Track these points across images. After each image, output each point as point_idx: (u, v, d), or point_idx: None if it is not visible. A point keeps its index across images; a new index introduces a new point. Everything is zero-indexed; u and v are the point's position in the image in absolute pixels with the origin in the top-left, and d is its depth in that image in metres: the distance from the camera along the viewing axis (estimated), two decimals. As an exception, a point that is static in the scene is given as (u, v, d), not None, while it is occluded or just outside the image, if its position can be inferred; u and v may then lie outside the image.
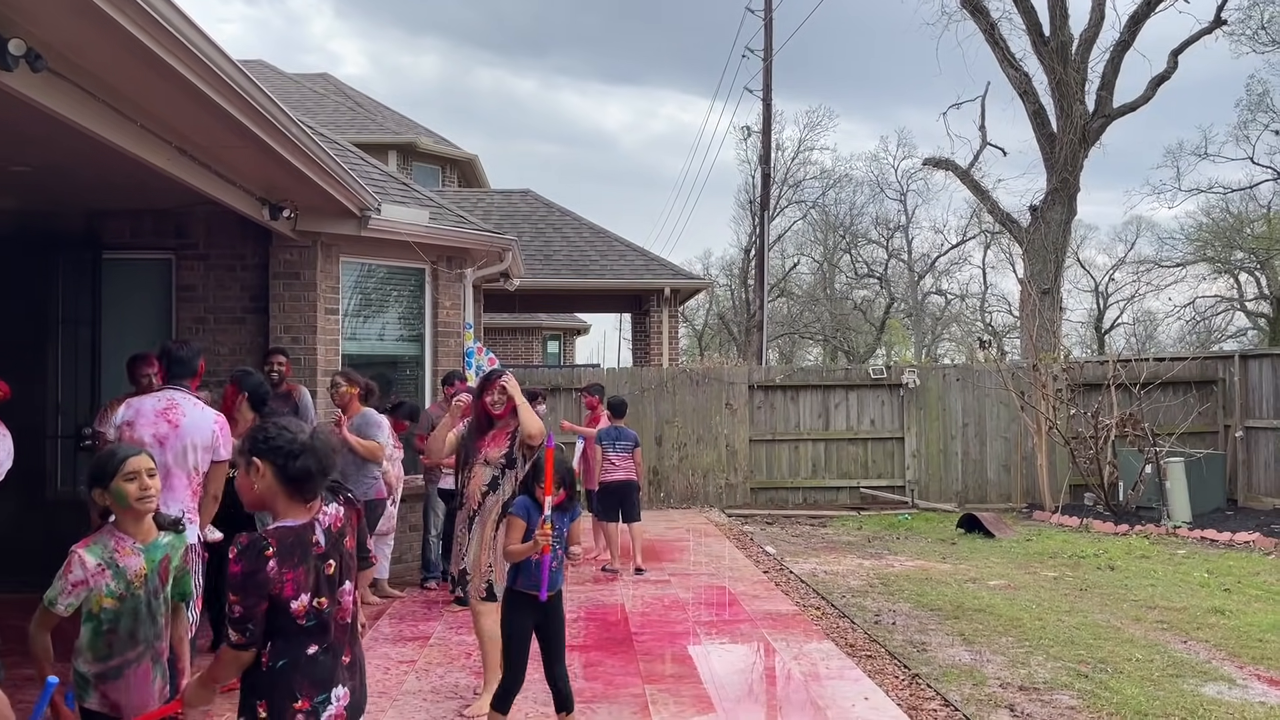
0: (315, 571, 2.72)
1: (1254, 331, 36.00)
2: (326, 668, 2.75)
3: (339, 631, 2.80)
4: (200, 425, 4.76)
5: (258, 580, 2.61)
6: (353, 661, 2.86)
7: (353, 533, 2.92)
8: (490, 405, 5.43)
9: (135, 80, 4.63)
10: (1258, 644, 6.92)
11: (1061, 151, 19.14)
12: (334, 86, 24.39)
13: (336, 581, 2.79)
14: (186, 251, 8.42)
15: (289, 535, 2.70)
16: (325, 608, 2.74)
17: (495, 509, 5.34)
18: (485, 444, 5.46)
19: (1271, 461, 13.42)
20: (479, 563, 5.33)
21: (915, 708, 5.49)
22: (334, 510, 2.84)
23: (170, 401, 4.76)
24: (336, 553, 2.80)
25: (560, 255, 17.82)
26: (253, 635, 2.64)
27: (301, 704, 2.69)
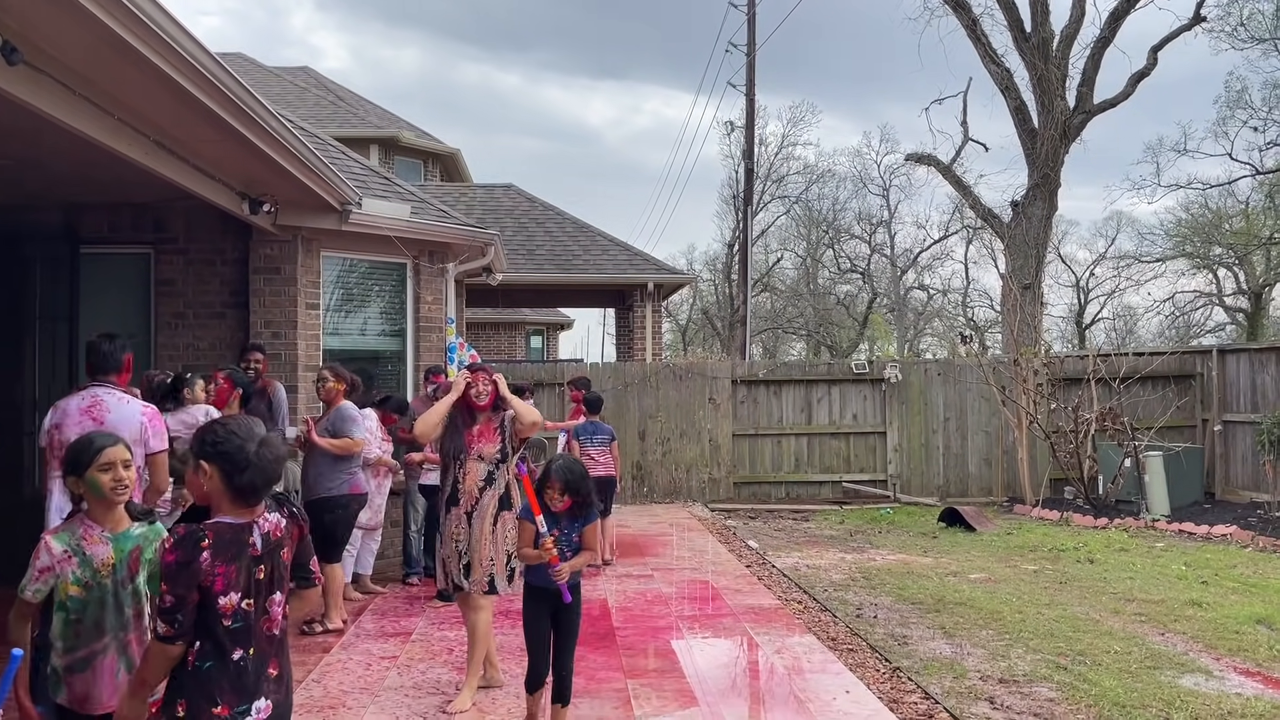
0: (247, 573, 2.70)
1: (1232, 326, 36.34)
2: (250, 676, 2.72)
3: (265, 641, 2.78)
4: (127, 419, 4.61)
5: (190, 570, 2.60)
6: (280, 676, 2.83)
7: (292, 547, 2.89)
8: (475, 397, 5.42)
9: (112, 73, 4.59)
10: (1234, 636, 6.98)
11: (1043, 147, 19.24)
12: (315, 80, 24.25)
13: (267, 589, 2.77)
14: (165, 246, 8.37)
15: (227, 531, 2.69)
16: (252, 611, 2.72)
17: (493, 503, 5.36)
18: (475, 439, 5.44)
19: (1248, 455, 13.54)
20: (481, 557, 5.35)
21: (896, 700, 5.52)
22: (275, 519, 2.82)
23: (94, 399, 4.64)
24: (270, 560, 2.78)
25: (543, 250, 17.79)
26: (181, 627, 2.62)
27: (220, 710, 2.66)
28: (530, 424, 5.44)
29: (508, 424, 5.48)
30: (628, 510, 13.45)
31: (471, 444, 5.42)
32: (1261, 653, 6.58)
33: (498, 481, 5.38)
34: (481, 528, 5.34)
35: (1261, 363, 13.44)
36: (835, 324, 45.34)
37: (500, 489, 5.38)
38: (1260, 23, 24.48)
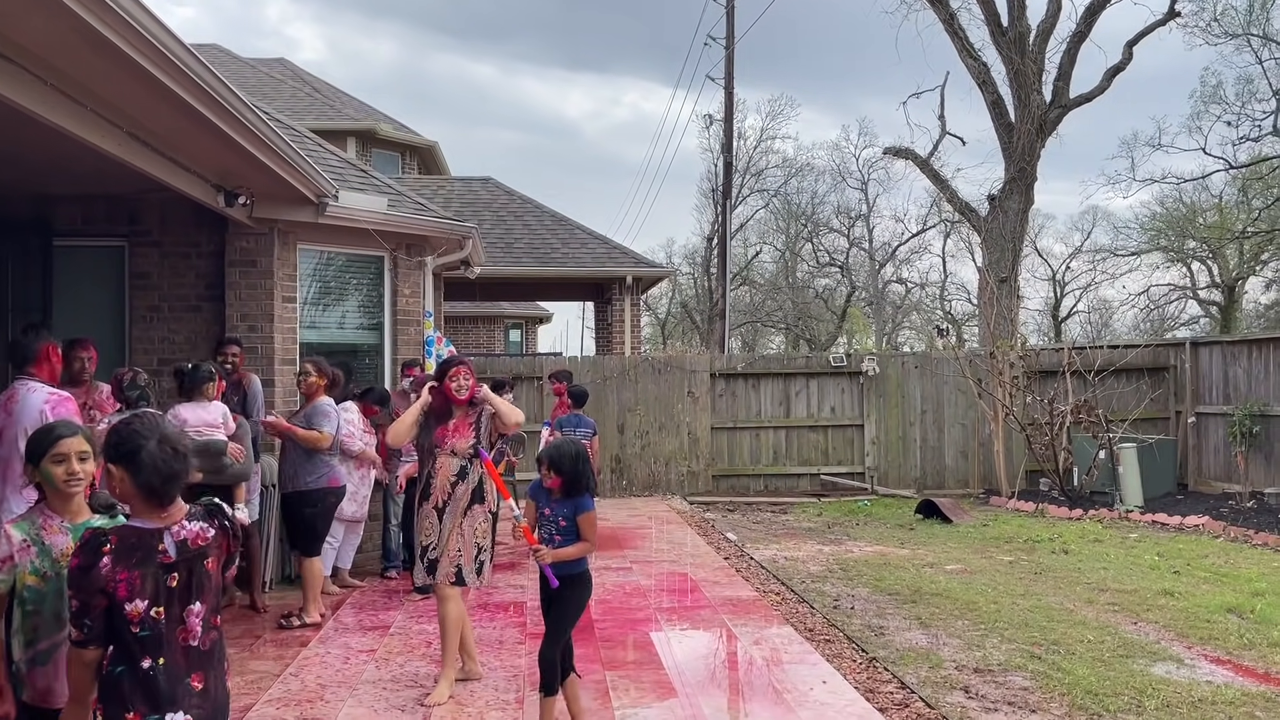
0: (155, 580, 2.66)
1: (1206, 319, 36.70)
2: (161, 686, 2.67)
3: (181, 653, 2.72)
4: (29, 409, 4.54)
5: (91, 575, 2.57)
6: (206, 690, 2.77)
7: (219, 559, 2.84)
8: (454, 391, 5.40)
9: (85, 64, 4.55)
10: (1205, 625, 7.08)
11: (1019, 141, 19.35)
12: (291, 72, 24.07)
13: (182, 598, 2.72)
14: (140, 238, 8.30)
15: (131, 536, 2.65)
16: (162, 620, 2.68)
17: (465, 498, 5.36)
18: (449, 434, 5.43)
19: (1221, 446, 13.71)
20: (449, 549, 5.35)
21: (872, 690, 5.56)
22: (199, 527, 2.76)
23: (11, 391, 4.68)
24: (186, 568, 2.72)
25: (522, 243, 17.75)
26: (90, 632, 2.60)
27: (132, 717, 2.64)
28: (513, 423, 5.45)
29: (484, 419, 5.46)
30: (606, 503, 13.46)
31: (445, 439, 5.40)
32: (1232, 641, 6.67)
33: (470, 476, 5.38)
34: (453, 522, 5.35)
35: (1234, 355, 13.60)
36: (814, 317, 45.48)
37: (473, 483, 5.39)
38: (1233, 18, 24.74)
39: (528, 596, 7.80)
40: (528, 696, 5.33)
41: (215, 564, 2.81)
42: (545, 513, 4.71)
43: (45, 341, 4.85)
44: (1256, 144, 26.21)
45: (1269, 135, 25.25)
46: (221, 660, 2.87)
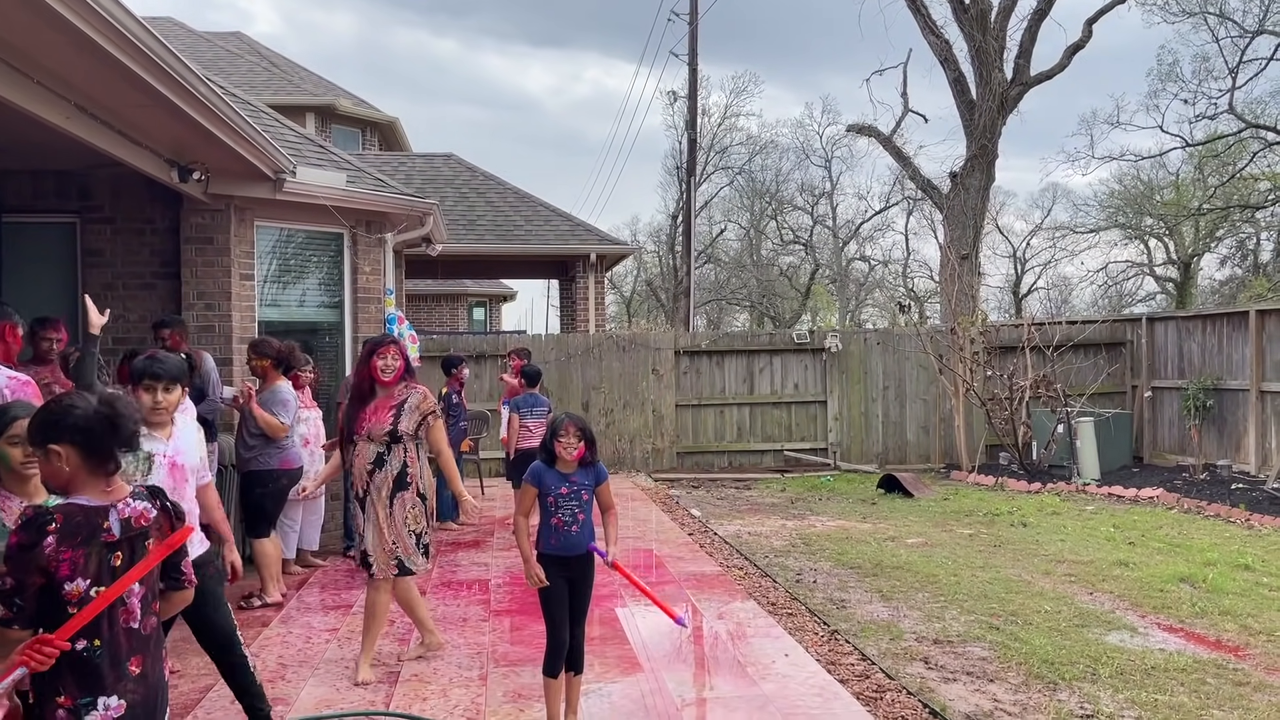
0: (99, 559, 2.60)
1: (1162, 295, 37.28)
2: (96, 670, 2.61)
3: (122, 634, 2.66)
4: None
5: (33, 554, 2.50)
6: (144, 675, 2.71)
7: (160, 540, 2.77)
8: (380, 371, 5.17)
9: (29, 35, 4.43)
10: (1159, 594, 7.22)
11: (981, 119, 19.48)
12: (249, 46, 23.65)
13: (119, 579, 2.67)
14: (92, 215, 8.13)
15: (78, 513, 2.58)
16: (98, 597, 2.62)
17: (386, 485, 5.14)
18: (367, 416, 5.19)
19: (1175, 420, 13.95)
20: (382, 543, 5.16)
21: (834, 663, 5.62)
22: (142, 506, 2.71)
23: None
24: (129, 548, 2.66)
25: (485, 220, 17.62)
26: (20, 611, 2.52)
27: (63, 699, 2.57)
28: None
29: (408, 407, 5.20)
30: (571, 481, 13.44)
31: (362, 423, 5.18)
32: (1184, 610, 6.82)
33: (389, 463, 5.14)
34: (377, 513, 5.14)
35: (1189, 330, 13.82)
36: (779, 295, 45.65)
37: (393, 470, 5.15)
38: (1190, -3, 24.98)
39: (491, 574, 7.80)
40: (491, 672, 5.33)
41: (157, 544, 2.74)
42: (563, 491, 4.44)
43: (4, 321, 4.70)
44: (1212, 122, 26.55)
45: (1224, 113, 25.58)
46: (160, 646, 2.81)
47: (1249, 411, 12.46)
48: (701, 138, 34.61)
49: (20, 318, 5.12)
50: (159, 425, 4.05)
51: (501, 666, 5.46)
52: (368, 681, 5.16)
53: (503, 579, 7.60)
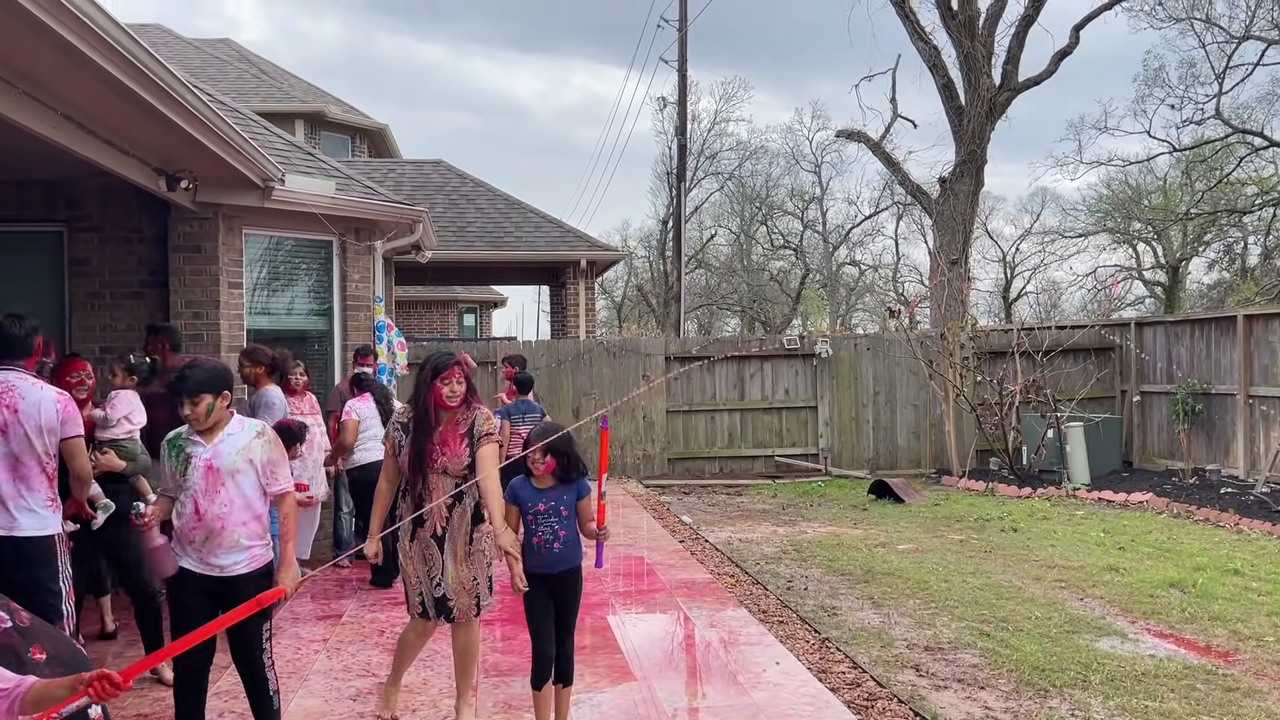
0: None
1: (1151, 300, 37.42)
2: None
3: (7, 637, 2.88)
4: (42, 406, 4.37)
5: None
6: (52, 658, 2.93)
7: None
8: (446, 398, 4.60)
9: (14, 44, 4.40)
10: (1149, 599, 7.23)
11: (969, 124, 19.53)
12: (237, 53, 23.60)
13: None
14: (79, 224, 8.09)
15: None
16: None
17: (464, 522, 4.68)
18: (437, 447, 4.63)
19: (1164, 424, 14.00)
20: (461, 582, 4.69)
21: (825, 670, 5.62)
22: None
23: (5, 384, 4.36)
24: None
25: (475, 227, 17.60)
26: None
27: None
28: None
29: (477, 428, 4.67)
30: (562, 488, 13.42)
31: (434, 454, 4.62)
32: (1174, 615, 6.83)
33: (466, 498, 4.68)
34: (456, 550, 4.67)
35: (1177, 335, 13.87)
36: (769, 300, 45.68)
37: (470, 505, 4.69)
38: (1177, 2, 25.13)
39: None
40: (481, 682, 5.31)
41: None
42: (541, 509, 4.37)
43: (40, 336, 4.60)
44: (1199, 127, 26.69)
45: (1211, 119, 25.72)
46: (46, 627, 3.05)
47: (1237, 416, 12.51)
48: (691, 143, 34.67)
49: None
50: (203, 431, 4.15)
51: (492, 676, 5.44)
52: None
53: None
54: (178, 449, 4.18)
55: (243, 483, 4.15)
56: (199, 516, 4.08)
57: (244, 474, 4.15)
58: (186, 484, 4.11)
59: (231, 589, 4.10)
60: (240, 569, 4.13)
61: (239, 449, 4.17)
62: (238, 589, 4.09)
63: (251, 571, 4.16)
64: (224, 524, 4.10)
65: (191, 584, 4.15)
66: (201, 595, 4.11)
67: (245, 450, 4.17)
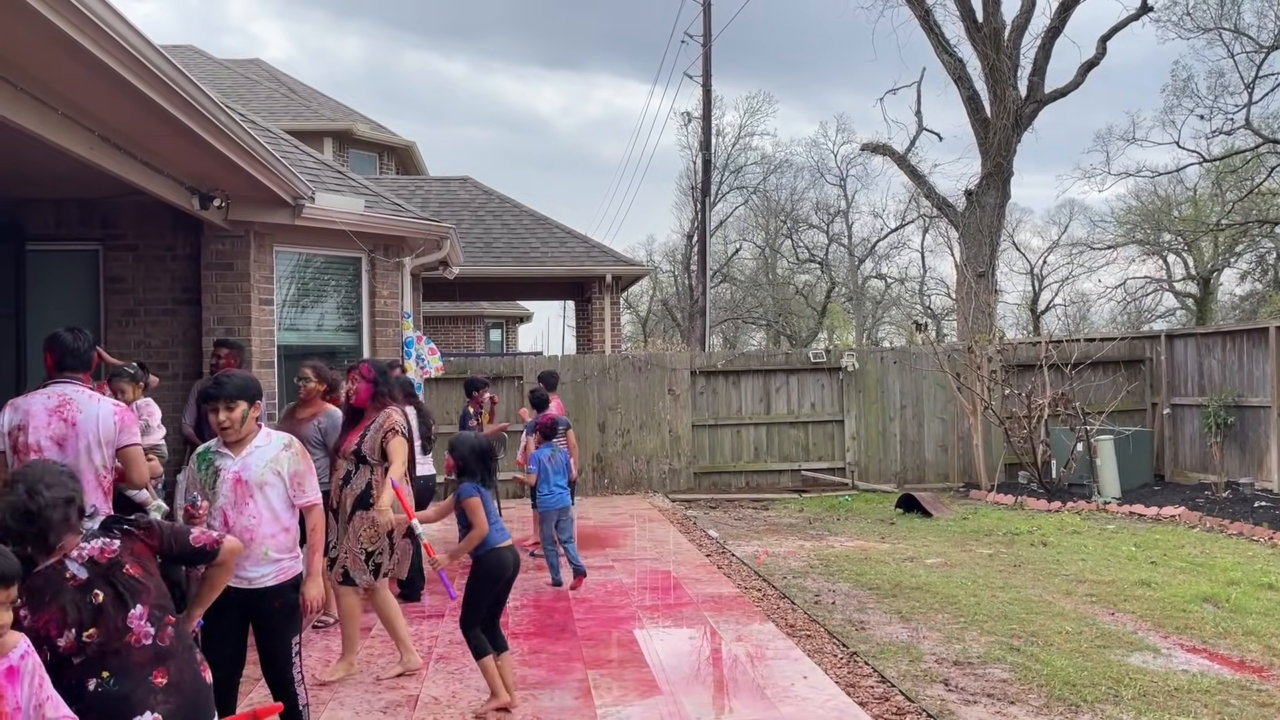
0: (77, 605, 2.71)
1: (1182, 311, 37.03)
2: (116, 698, 2.72)
3: (138, 655, 2.77)
4: (100, 419, 4.43)
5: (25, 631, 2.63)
6: (171, 685, 2.81)
7: (136, 562, 2.85)
8: (347, 395, 5.83)
9: (54, 68, 4.51)
10: (1181, 614, 7.15)
11: (995, 136, 19.47)
12: (267, 72, 23.93)
13: (116, 608, 2.77)
14: (114, 242, 8.24)
15: (35, 579, 2.71)
16: (96, 639, 2.72)
17: (348, 502, 5.60)
18: (349, 438, 5.72)
19: (1196, 437, 13.84)
20: (342, 550, 5.61)
21: (853, 685, 5.60)
22: (99, 544, 2.81)
23: (63, 398, 4.41)
24: (106, 581, 2.78)
25: (501, 243, 17.71)
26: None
27: None
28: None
29: (372, 430, 5.64)
30: (589, 502, 13.47)
31: (344, 443, 5.73)
32: (1207, 630, 6.75)
33: (354, 481, 5.60)
34: (342, 526, 5.59)
35: (1208, 347, 13.73)
36: (794, 313, 45.63)
37: (358, 489, 5.59)
38: (1205, 12, 24.95)
39: (510, 597, 7.78)
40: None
41: (138, 568, 2.85)
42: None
43: (97, 349, 4.72)
44: (1229, 137, 26.45)
45: (1241, 129, 25.48)
46: (190, 651, 2.87)
47: (1271, 429, 12.35)
48: (716, 158, 34.75)
49: None
50: (233, 443, 4.24)
51: (521, 690, 5.45)
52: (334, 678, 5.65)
53: (520, 601, 7.60)
54: (207, 462, 4.26)
55: (271, 495, 4.21)
56: (227, 528, 4.15)
57: (272, 486, 4.22)
58: (215, 496, 4.18)
59: (259, 601, 4.17)
60: (268, 581, 4.18)
61: (267, 461, 4.23)
62: (266, 601, 4.16)
63: (279, 584, 4.21)
64: (252, 536, 4.16)
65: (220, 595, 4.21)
66: (229, 606, 4.17)
67: (273, 463, 4.23)
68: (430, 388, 12.27)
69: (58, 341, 4.53)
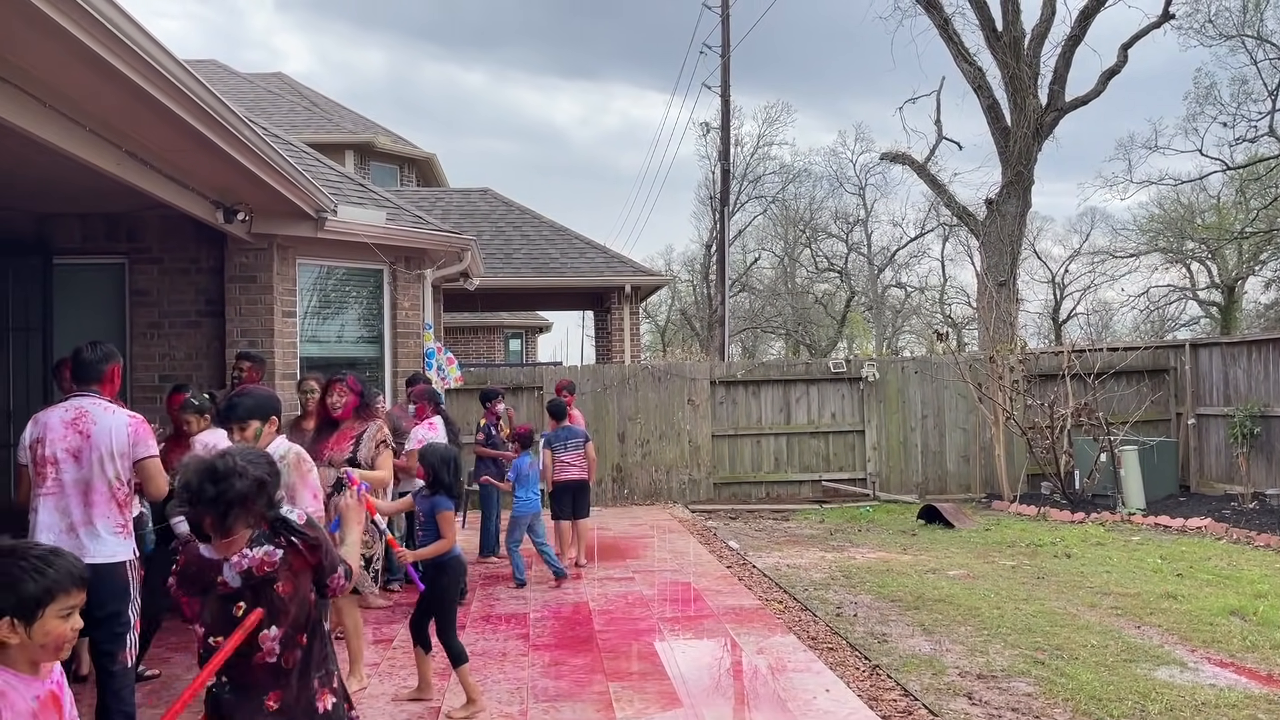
0: (215, 609, 2.69)
1: (1206, 320, 36.71)
2: (227, 705, 2.73)
3: (258, 674, 2.73)
4: (114, 431, 4.43)
5: (168, 586, 2.77)
6: (281, 711, 2.75)
7: (290, 578, 2.75)
8: (330, 407, 5.96)
9: (81, 84, 4.57)
10: (1208, 628, 7.07)
11: (1015, 145, 19.39)
12: (289, 86, 24.14)
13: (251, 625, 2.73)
14: (139, 255, 8.33)
15: (194, 563, 2.72)
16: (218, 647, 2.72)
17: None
18: (328, 446, 5.83)
19: (1222, 447, 13.70)
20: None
21: (875, 698, 5.56)
22: (261, 554, 2.71)
23: (79, 410, 4.43)
24: (253, 595, 2.70)
25: (521, 254, 17.78)
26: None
27: None
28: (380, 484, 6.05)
29: (365, 441, 5.86)
30: (608, 512, 13.47)
31: (324, 450, 5.83)
32: (1235, 644, 6.67)
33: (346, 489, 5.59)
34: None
35: (1234, 356, 13.60)
36: (814, 323, 45.54)
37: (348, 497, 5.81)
38: (1228, 19, 24.80)
39: (530, 608, 7.80)
40: (531, 708, 5.34)
41: (289, 585, 2.74)
42: (418, 511, 5.41)
43: (115, 362, 4.64)
44: (1253, 144, 26.25)
45: (1265, 136, 25.28)
46: (306, 677, 2.80)
47: (1298, 438, 12.21)
48: (734, 167, 34.77)
49: None
50: None
51: (542, 702, 5.46)
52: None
53: (541, 613, 7.60)
54: None
55: None
56: None
57: None
58: None
59: None
60: None
61: None
62: None
63: None
64: None
65: None
66: None
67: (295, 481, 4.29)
68: (450, 398, 12.31)
69: (73, 356, 4.62)
